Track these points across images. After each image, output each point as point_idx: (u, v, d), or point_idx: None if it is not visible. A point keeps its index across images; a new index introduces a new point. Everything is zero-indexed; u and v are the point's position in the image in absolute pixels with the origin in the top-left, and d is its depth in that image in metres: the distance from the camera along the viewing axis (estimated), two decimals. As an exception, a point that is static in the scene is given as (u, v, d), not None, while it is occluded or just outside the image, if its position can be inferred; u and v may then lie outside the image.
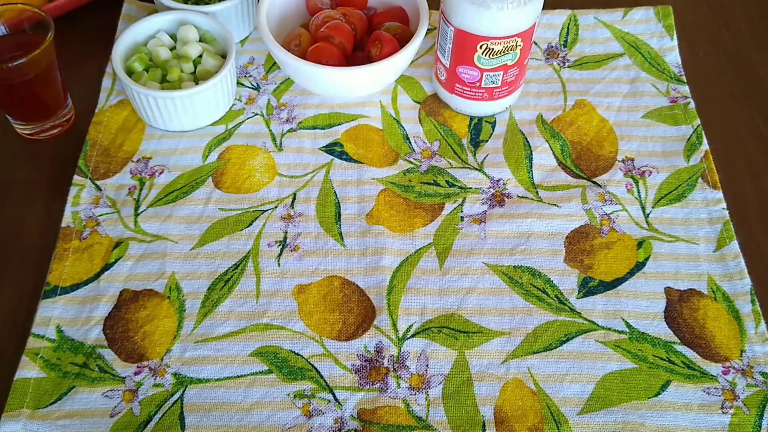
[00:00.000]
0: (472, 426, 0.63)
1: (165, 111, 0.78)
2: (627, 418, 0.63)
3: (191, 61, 0.80)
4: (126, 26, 0.89)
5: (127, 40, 0.81)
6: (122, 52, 0.80)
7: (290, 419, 0.63)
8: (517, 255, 0.72)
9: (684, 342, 0.67)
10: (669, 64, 0.88)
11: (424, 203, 0.76)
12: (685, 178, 0.78)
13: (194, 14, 0.82)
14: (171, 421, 0.63)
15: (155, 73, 0.79)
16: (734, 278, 0.71)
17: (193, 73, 0.81)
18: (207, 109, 0.80)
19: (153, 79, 0.78)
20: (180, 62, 0.79)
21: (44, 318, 0.67)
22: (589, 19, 0.93)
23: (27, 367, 0.65)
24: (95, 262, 0.71)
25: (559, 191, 0.77)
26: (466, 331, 0.68)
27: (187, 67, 0.79)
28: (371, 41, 0.81)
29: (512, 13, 0.72)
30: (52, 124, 0.80)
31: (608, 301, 0.70)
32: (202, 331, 0.67)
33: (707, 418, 0.63)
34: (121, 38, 0.80)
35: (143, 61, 0.79)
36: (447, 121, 0.83)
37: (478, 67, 0.77)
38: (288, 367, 0.65)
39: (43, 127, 0.80)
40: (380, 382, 0.65)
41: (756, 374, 0.65)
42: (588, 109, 0.84)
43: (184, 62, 0.79)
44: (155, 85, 0.78)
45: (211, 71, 0.79)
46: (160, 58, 0.80)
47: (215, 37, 0.82)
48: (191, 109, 0.78)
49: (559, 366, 0.66)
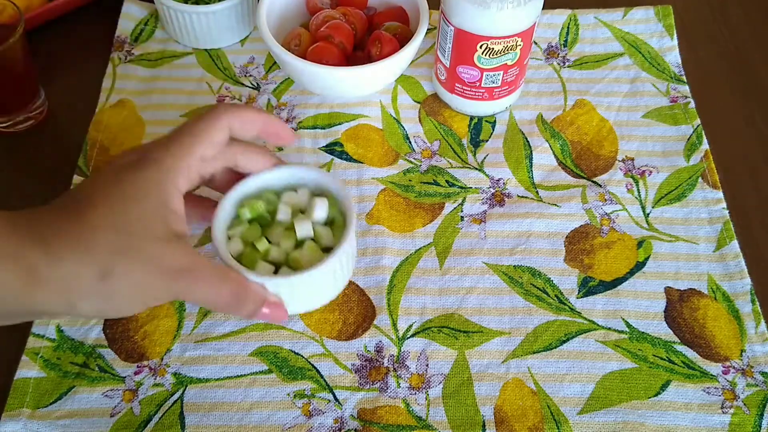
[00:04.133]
0: (472, 426, 0.63)
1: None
2: (627, 418, 0.63)
3: (294, 240, 0.63)
4: (126, 26, 0.89)
5: (265, 179, 0.65)
6: (247, 189, 0.64)
7: (290, 419, 0.63)
8: (517, 255, 0.72)
9: (684, 342, 0.67)
10: (669, 64, 0.88)
11: (424, 203, 0.76)
12: (685, 177, 0.78)
13: (335, 185, 0.65)
14: (171, 420, 0.63)
15: (255, 230, 0.63)
16: (734, 278, 0.71)
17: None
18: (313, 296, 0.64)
19: (251, 237, 0.62)
20: (283, 236, 0.63)
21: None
22: (589, 18, 0.93)
23: (27, 367, 0.65)
24: (95, 262, 0.71)
25: (559, 191, 0.77)
26: (466, 331, 0.68)
27: (286, 245, 0.63)
28: (371, 41, 0.81)
29: (512, 12, 0.72)
30: (26, 116, 0.81)
31: (608, 301, 0.70)
32: (202, 331, 0.67)
33: (707, 418, 0.63)
34: (257, 177, 0.64)
35: (255, 211, 0.63)
36: (447, 120, 0.83)
37: (478, 66, 0.77)
38: (288, 366, 0.65)
39: (15, 120, 0.80)
40: (380, 382, 0.65)
41: (756, 374, 0.65)
42: (588, 109, 0.84)
43: (286, 239, 0.63)
44: (267, 267, 0.61)
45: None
46: (276, 217, 0.64)
47: (342, 225, 0.64)
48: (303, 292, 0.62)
49: (559, 366, 0.66)
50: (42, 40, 0.89)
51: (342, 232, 0.62)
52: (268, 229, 0.63)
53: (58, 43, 0.89)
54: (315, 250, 0.62)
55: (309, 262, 0.61)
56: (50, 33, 0.90)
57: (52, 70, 0.87)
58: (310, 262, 0.61)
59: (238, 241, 0.61)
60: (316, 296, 0.62)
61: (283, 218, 0.63)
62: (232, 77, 0.86)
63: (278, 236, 0.62)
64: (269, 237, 0.62)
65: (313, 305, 0.63)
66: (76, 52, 0.89)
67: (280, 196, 0.64)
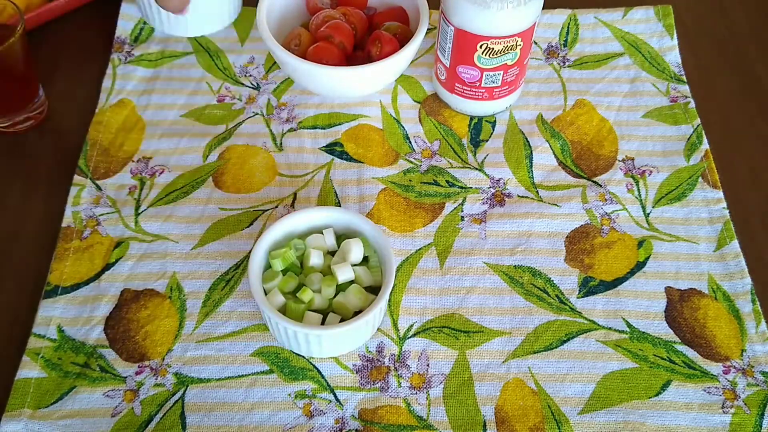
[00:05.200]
0: (472, 426, 0.63)
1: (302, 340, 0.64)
2: (628, 418, 0.63)
3: (335, 285, 0.65)
4: (125, 26, 0.89)
5: (288, 225, 0.68)
6: (274, 236, 0.67)
7: (291, 419, 0.63)
8: (517, 255, 0.72)
9: (684, 341, 0.67)
10: (669, 64, 0.88)
11: (425, 203, 0.76)
12: (685, 177, 0.78)
13: (369, 226, 0.68)
14: (172, 420, 0.63)
15: (292, 280, 0.66)
16: (735, 278, 0.71)
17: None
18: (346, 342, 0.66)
19: (290, 288, 0.65)
20: (323, 282, 0.65)
21: (45, 318, 0.67)
22: (589, 18, 0.93)
23: (28, 367, 0.65)
24: (96, 262, 0.71)
25: (559, 191, 0.77)
26: (466, 331, 0.68)
27: (327, 292, 0.65)
28: (371, 41, 0.81)
29: (512, 12, 0.72)
30: (26, 116, 0.80)
31: (609, 301, 0.70)
32: (203, 331, 0.67)
33: (708, 418, 0.63)
34: (282, 223, 0.67)
35: (287, 261, 0.66)
36: (447, 120, 0.83)
37: (478, 66, 0.77)
38: (289, 367, 0.65)
39: (14, 120, 0.80)
40: (381, 381, 0.65)
41: (757, 373, 0.65)
42: (588, 109, 0.84)
43: (327, 284, 0.65)
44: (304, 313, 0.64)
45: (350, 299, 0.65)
46: (308, 262, 0.66)
47: (377, 263, 0.67)
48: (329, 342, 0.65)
49: (560, 366, 0.66)
50: (42, 40, 0.89)
51: (382, 270, 0.66)
52: (301, 276, 0.66)
53: (58, 43, 0.89)
54: (360, 292, 0.65)
55: (355, 306, 0.64)
56: (50, 33, 0.90)
57: (52, 70, 0.87)
58: (356, 305, 0.64)
59: (277, 293, 0.64)
60: (357, 339, 0.66)
61: (317, 263, 0.66)
62: (232, 77, 0.86)
63: (315, 282, 0.65)
64: (305, 283, 0.66)
65: (348, 348, 0.66)
66: (76, 52, 0.89)
67: (305, 240, 0.68)
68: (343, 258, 0.66)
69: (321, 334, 0.62)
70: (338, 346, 0.65)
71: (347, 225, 0.69)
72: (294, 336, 0.63)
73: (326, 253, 0.68)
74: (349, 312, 0.64)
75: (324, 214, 0.69)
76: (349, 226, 0.69)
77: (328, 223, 0.69)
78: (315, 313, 0.64)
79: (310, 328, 0.61)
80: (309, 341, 0.63)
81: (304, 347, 0.64)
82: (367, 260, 0.67)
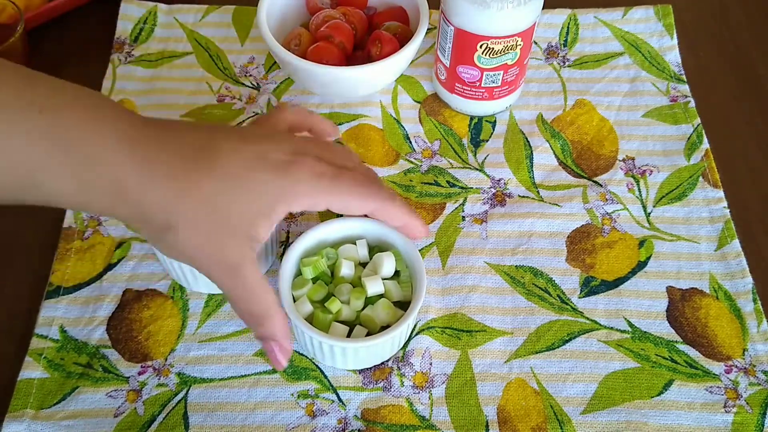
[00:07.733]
0: (475, 426, 0.63)
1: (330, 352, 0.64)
2: (630, 418, 0.63)
3: (364, 298, 0.65)
4: (125, 26, 0.89)
5: (322, 233, 0.68)
6: (306, 244, 0.67)
7: (294, 419, 0.63)
8: (518, 255, 0.73)
9: (686, 341, 0.67)
10: (669, 63, 0.88)
11: (426, 203, 0.76)
12: (685, 177, 0.78)
13: (402, 240, 0.66)
14: (175, 420, 0.63)
15: (321, 289, 0.65)
16: (736, 277, 0.71)
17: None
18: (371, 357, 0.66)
19: (319, 297, 0.65)
20: (352, 294, 0.64)
21: (47, 318, 0.67)
22: (589, 18, 0.93)
23: (30, 368, 0.64)
24: (97, 263, 0.71)
25: (560, 191, 0.77)
26: (468, 331, 0.68)
27: (356, 304, 0.64)
28: (371, 41, 0.81)
29: (512, 12, 0.72)
30: None
31: (610, 301, 0.70)
32: (205, 331, 0.67)
33: (710, 417, 0.63)
34: (316, 230, 0.67)
35: (318, 269, 0.65)
36: (447, 120, 0.83)
37: (478, 66, 0.77)
38: (292, 366, 0.65)
39: None
40: (384, 381, 0.65)
41: (758, 373, 0.66)
42: (588, 109, 0.84)
43: (356, 296, 0.64)
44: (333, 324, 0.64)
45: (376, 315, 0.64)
46: (338, 272, 0.66)
47: (408, 278, 0.67)
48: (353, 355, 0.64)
49: (562, 365, 0.66)
50: (42, 40, 0.89)
51: (413, 286, 0.65)
52: (331, 285, 0.66)
53: (58, 43, 0.89)
54: (389, 307, 0.64)
55: (383, 320, 0.64)
56: (50, 33, 0.90)
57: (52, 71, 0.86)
58: (384, 320, 0.63)
59: (305, 301, 0.64)
60: (381, 354, 0.65)
61: (347, 274, 0.66)
62: (232, 77, 0.86)
63: (344, 292, 0.65)
64: (334, 293, 0.65)
65: (372, 362, 0.66)
66: (76, 52, 0.88)
67: (337, 249, 0.67)
68: (374, 271, 0.66)
69: (346, 346, 0.61)
70: (362, 359, 0.65)
71: (380, 237, 0.68)
72: (319, 346, 0.62)
73: (357, 264, 0.67)
74: (376, 326, 0.63)
75: (358, 224, 0.68)
76: (381, 239, 0.68)
77: (361, 233, 0.68)
78: (341, 325, 0.63)
79: (336, 339, 0.61)
80: (334, 352, 0.63)
81: (328, 357, 0.64)
82: (397, 275, 0.67)
